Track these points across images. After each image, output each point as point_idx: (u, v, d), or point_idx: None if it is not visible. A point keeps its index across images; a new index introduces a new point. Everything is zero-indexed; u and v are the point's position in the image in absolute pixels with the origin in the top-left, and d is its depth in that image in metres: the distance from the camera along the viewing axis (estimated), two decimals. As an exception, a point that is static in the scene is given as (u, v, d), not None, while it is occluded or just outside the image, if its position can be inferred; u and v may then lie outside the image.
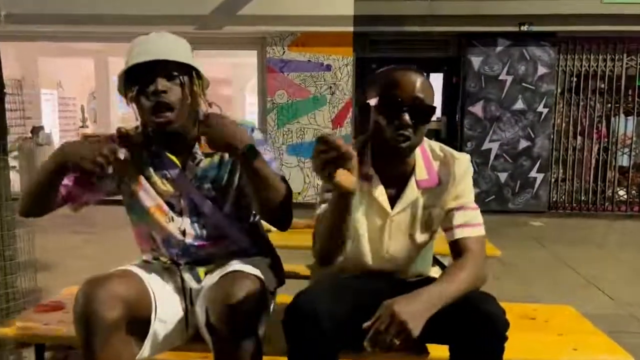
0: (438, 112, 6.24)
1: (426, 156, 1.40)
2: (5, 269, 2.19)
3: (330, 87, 6.41)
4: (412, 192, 1.37)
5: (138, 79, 1.34)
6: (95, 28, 6.30)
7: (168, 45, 1.37)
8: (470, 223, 1.34)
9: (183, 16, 6.03)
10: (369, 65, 6.33)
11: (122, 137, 1.38)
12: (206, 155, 1.44)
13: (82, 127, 9.20)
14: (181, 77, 1.36)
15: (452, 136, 6.45)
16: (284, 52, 6.33)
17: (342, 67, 6.38)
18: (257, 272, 1.33)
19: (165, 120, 1.33)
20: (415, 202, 1.38)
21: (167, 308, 1.39)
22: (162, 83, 1.32)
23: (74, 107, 9.07)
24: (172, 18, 6.05)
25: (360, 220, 1.39)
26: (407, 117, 1.26)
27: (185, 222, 1.46)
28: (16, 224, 2.24)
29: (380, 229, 1.40)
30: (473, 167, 1.41)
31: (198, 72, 1.40)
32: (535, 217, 6.16)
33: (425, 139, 1.40)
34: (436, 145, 1.43)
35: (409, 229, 1.40)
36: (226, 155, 1.44)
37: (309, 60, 6.35)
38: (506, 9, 5.97)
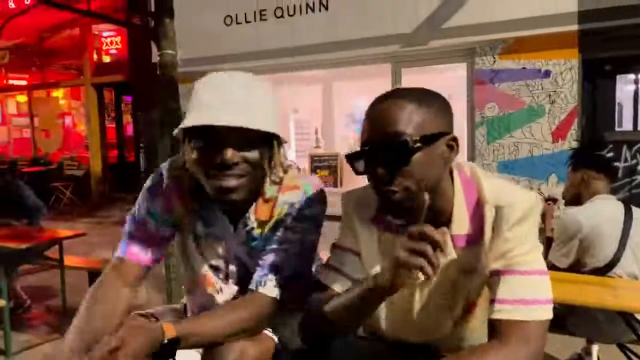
0: None
1: (471, 200, 1.02)
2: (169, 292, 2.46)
3: (550, 95, 5.64)
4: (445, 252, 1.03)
5: (203, 134, 1.10)
6: (316, 57, 6.88)
7: (250, 101, 1.12)
8: (518, 297, 0.93)
9: (387, 36, 6.14)
10: (601, 67, 5.37)
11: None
12: (259, 223, 1.25)
13: (316, 147, 10.13)
14: (259, 146, 1.13)
15: None
16: (494, 61, 5.84)
17: (565, 71, 5.55)
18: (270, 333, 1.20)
19: (233, 196, 1.13)
20: (451, 265, 1.03)
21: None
22: (233, 152, 1.09)
23: (308, 130, 10.06)
24: (377, 39, 6.24)
25: None
26: (380, 170, 0.94)
27: (233, 290, 1.31)
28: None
29: (409, 296, 1.08)
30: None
31: (279, 138, 1.19)
32: None
33: (476, 172, 1.04)
34: (489, 182, 1.03)
35: (444, 297, 1.06)
36: (277, 230, 1.24)
37: (523, 68, 5.71)
38: None
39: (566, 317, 2.37)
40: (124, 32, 9.38)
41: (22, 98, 11.20)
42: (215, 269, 1.32)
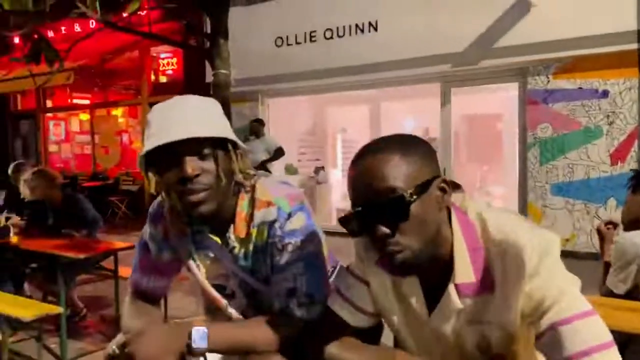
0: None
1: (473, 243, 0.94)
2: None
3: (608, 116, 5.44)
4: (449, 301, 0.96)
5: (161, 158, 1.12)
6: (365, 76, 6.92)
7: (195, 114, 1.13)
8: (577, 351, 0.82)
9: (437, 56, 6.12)
10: (663, 86, 5.14)
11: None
12: (239, 239, 1.24)
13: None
14: (215, 154, 1.13)
15: None
16: (548, 81, 5.70)
17: (624, 91, 5.35)
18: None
19: (202, 209, 1.13)
20: (459, 315, 0.96)
21: None
22: (191, 165, 1.09)
23: (356, 149, 10.08)
24: (426, 59, 6.23)
25: (399, 321, 1.09)
26: (377, 228, 0.88)
27: (242, 304, 1.33)
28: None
29: (427, 332, 1.04)
30: None
31: (235, 143, 1.17)
32: None
33: (473, 209, 0.97)
34: (495, 221, 0.94)
35: (459, 346, 1.00)
36: (259, 242, 1.23)
37: (579, 88, 5.55)
38: None
39: (625, 346, 2.25)
40: (180, 53, 9.78)
41: (85, 116, 11.82)
42: (219, 287, 1.33)
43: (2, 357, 3.02)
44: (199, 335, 1.08)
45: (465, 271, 0.94)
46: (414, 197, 0.88)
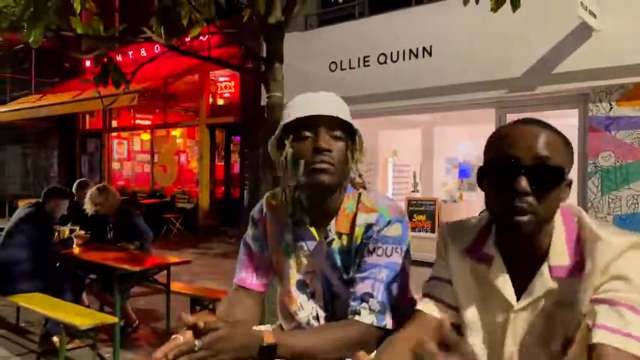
0: None
1: (571, 233, 1.02)
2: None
3: (676, 145, 5.15)
4: (543, 281, 1.01)
5: (298, 136, 1.27)
6: (418, 101, 6.90)
7: (331, 104, 1.30)
8: (622, 330, 0.88)
9: (492, 82, 6.03)
10: None
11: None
12: (339, 234, 1.33)
13: (413, 191, 10.01)
14: (346, 139, 1.27)
15: None
16: (610, 107, 5.48)
17: (694, 120, 5.06)
18: None
19: (325, 179, 1.23)
20: (549, 296, 1.00)
21: None
22: (326, 139, 1.24)
23: (407, 174, 9.99)
24: (481, 84, 6.14)
25: (474, 315, 1.09)
26: (523, 182, 0.94)
27: (317, 308, 1.37)
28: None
29: (502, 327, 1.05)
30: None
31: (360, 140, 1.30)
32: None
33: (576, 208, 1.05)
34: (588, 218, 1.03)
35: (542, 332, 1.02)
36: (357, 241, 1.31)
37: (645, 115, 5.30)
38: None
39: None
40: (237, 77, 10.12)
41: (146, 136, 12.39)
42: (303, 284, 1.39)
43: (59, 362, 3.16)
44: (268, 349, 1.12)
45: (560, 255, 1.00)
46: (567, 175, 0.98)
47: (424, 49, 6.72)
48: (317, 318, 1.39)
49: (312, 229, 1.36)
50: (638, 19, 5.18)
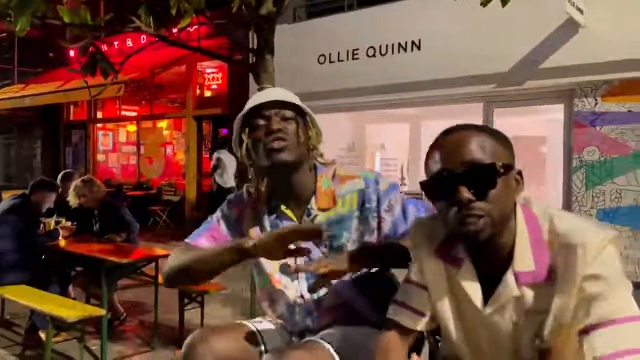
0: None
1: (535, 235, 0.99)
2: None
3: (659, 140, 5.24)
4: (507, 288, 0.99)
5: (253, 127, 1.39)
6: (406, 95, 6.91)
7: (280, 92, 1.44)
8: (621, 350, 0.86)
9: (480, 76, 6.06)
10: None
11: None
12: (322, 210, 1.40)
13: (401, 184, 10.05)
14: (296, 118, 1.39)
15: None
16: (596, 103, 5.55)
17: (677, 115, 5.15)
18: (329, 347, 1.22)
19: (282, 155, 1.33)
20: (516, 303, 0.99)
21: None
22: (276, 121, 1.36)
23: (395, 167, 10.04)
24: (469, 79, 6.18)
25: (450, 317, 1.09)
26: (464, 192, 0.94)
27: (302, 286, 1.41)
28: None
29: (477, 329, 1.06)
30: None
31: (312, 120, 1.43)
32: None
33: (549, 213, 1.01)
34: (557, 216, 0.99)
35: (515, 339, 1.02)
36: (343, 211, 1.40)
37: (629, 111, 5.37)
38: None
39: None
40: (225, 69, 10.04)
41: (132, 128, 12.24)
42: (286, 266, 1.42)
43: (46, 356, 3.13)
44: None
45: (525, 260, 0.98)
46: (502, 170, 0.96)
47: (413, 42, 6.73)
48: (302, 297, 1.42)
49: (288, 211, 1.43)
50: (624, 15, 5.25)
